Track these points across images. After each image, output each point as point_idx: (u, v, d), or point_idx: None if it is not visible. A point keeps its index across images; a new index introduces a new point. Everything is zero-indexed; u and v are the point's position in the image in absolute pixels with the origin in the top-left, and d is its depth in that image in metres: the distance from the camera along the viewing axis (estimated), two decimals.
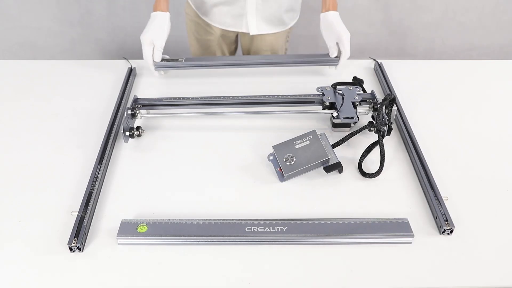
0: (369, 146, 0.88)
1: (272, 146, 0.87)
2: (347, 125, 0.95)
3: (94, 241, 0.73)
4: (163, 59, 1.12)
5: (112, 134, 0.93)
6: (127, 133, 0.91)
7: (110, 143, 0.90)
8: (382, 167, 0.84)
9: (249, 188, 0.83)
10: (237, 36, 1.42)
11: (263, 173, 0.86)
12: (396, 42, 2.09)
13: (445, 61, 1.23)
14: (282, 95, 0.99)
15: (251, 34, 1.28)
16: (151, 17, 1.13)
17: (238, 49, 1.50)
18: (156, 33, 1.09)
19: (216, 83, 1.13)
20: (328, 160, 0.84)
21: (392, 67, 1.15)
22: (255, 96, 0.99)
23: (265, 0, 1.21)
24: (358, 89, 0.98)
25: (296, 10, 1.31)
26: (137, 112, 0.96)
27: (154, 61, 1.10)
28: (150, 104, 0.98)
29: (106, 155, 0.87)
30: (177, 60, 1.12)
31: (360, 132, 0.89)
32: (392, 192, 0.82)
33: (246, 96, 0.99)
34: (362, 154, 0.87)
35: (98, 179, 0.82)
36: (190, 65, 1.13)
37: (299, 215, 0.76)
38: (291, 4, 1.26)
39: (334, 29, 1.10)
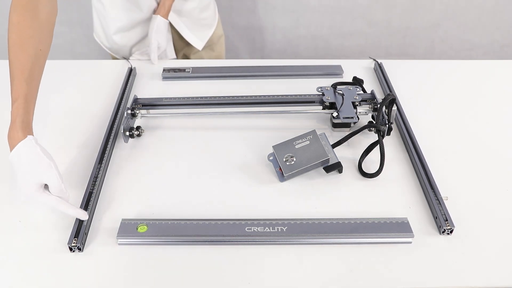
0: (369, 146, 0.88)
1: (272, 146, 0.87)
2: (347, 125, 0.95)
3: (94, 241, 0.73)
4: None
5: (112, 134, 0.93)
6: (127, 133, 0.91)
7: (110, 143, 0.90)
8: (382, 167, 0.84)
9: (249, 188, 0.83)
10: None
11: (263, 173, 0.86)
12: (396, 42, 2.09)
13: (445, 61, 1.23)
14: (282, 95, 0.99)
15: (200, 49, 1.31)
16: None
17: None
18: None
19: (216, 83, 1.13)
20: (328, 160, 0.84)
21: (392, 67, 1.15)
22: (255, 96, 0.99)
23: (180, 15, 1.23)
24: (358, 89, 0.98)
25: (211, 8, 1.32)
26: (137, 112, 0.96)
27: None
28: (150, 104, 0.98)
29: (106, 155, 0.87)
30: (184, 70, 1.14)
31: (360, 132, 0.89)
32: (392, 192, 0.82)
33: (246, 96, 0.99)
34: (362, 154, 0.87)
35: (98, 179, 0.82)
36: (198, 76, 1.14)
37: (299, 215, 0.76)
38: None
39: (164, 35, 1.18)
